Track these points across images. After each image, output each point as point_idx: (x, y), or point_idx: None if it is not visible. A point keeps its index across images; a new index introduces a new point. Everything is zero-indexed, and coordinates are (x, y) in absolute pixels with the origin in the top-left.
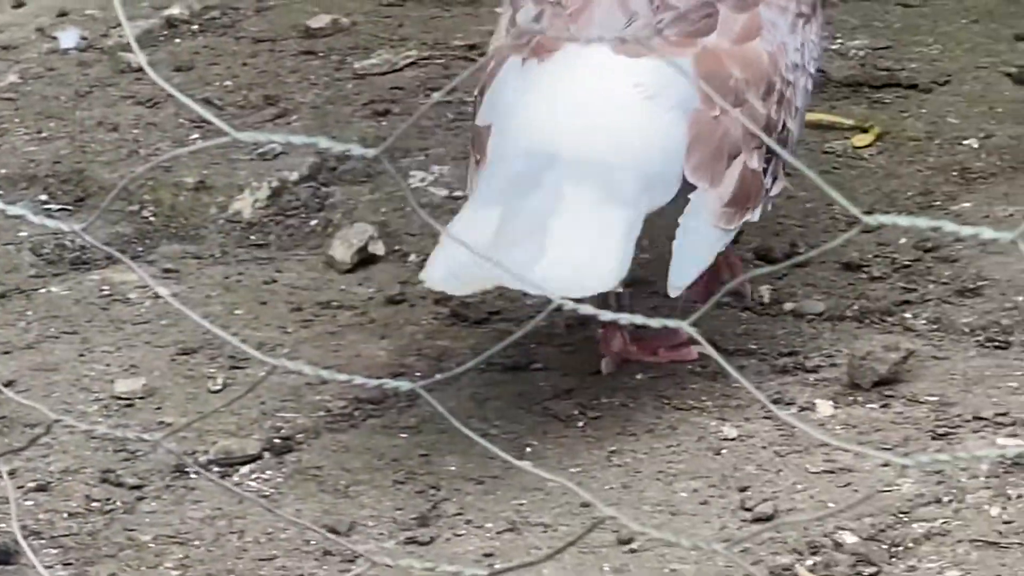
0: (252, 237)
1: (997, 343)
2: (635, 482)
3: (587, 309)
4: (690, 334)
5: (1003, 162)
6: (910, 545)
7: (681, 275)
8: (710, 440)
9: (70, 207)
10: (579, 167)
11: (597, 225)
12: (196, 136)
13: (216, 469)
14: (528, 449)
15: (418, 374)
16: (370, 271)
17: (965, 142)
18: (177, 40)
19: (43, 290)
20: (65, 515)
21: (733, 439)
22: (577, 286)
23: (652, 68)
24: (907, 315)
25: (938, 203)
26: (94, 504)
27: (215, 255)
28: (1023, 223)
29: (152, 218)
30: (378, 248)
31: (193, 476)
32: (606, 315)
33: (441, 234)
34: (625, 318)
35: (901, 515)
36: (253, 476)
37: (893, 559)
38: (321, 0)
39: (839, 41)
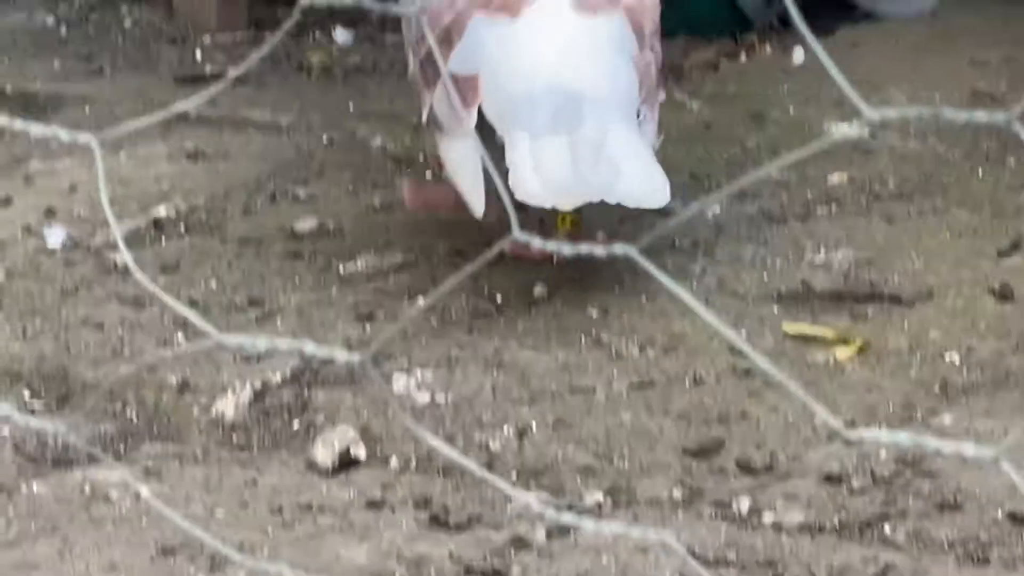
0: (234, 438)
1: (976, 558)
2: None
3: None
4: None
5: (985, 377)
6: None
7: (665, 189)
8: None
9: (53, 405)
10: (600, 103)
11: (635, 149)
12: (181, 336)
13: None
14: None
15: None
16: (351, 474)
17: (947, 356)
18: (163, 240)
19: (24, 488)
20: None
21: None
22: (651, 198)
23: (607, 24)
24: (887, 528)
25: (920, 417)
26: None
27: (197, 455)
28: (1005, 439)
29: (135, 418)
30: (360, 451)
31: None
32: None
33: (514, 149)
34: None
35: None
36: None
37: None
38: (307, 203)
39: (822, 252)
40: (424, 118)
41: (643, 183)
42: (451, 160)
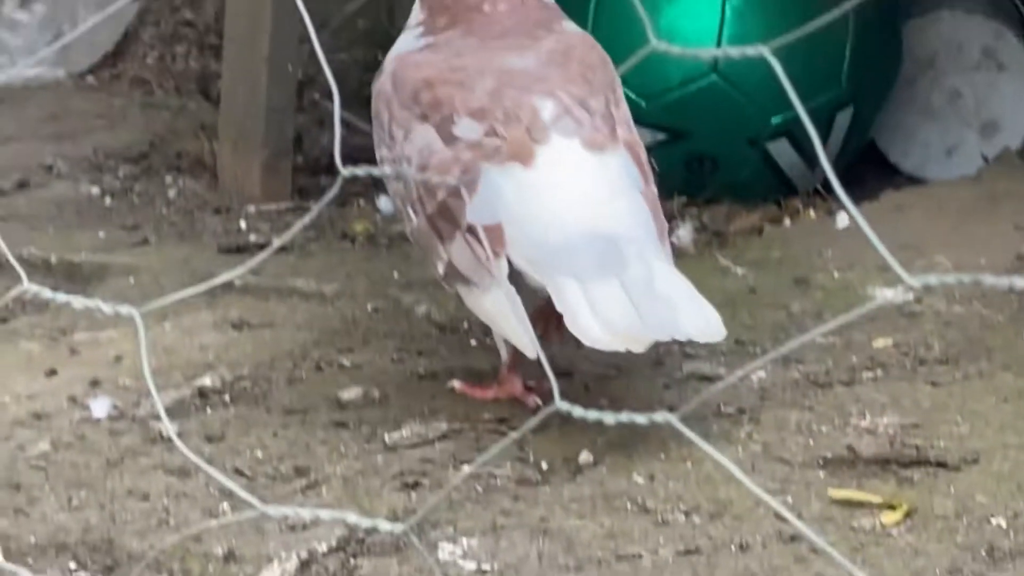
0: None
1: None
2: None
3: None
4: None
5: None
6: None
7: (719, 321)
8: None
9: None
10: (634, 242)
11: (681, 284)
12: (226, 505)
13: None
14: None
15: None
16: None
17: (994, 521)
18: (208, 410)
19: None
20: None
21: None
22: (712, 332)
23: (616, 160)
24: None
25: None
26: None
27: None
28: None
29: None
30: None
31: None
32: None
33: (565, 295)
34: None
35: None
36: None
37: None
38: (352, 372)
39: (868, 418)
40: (441, 272)
41: (700, 318)
42: (486, 311)
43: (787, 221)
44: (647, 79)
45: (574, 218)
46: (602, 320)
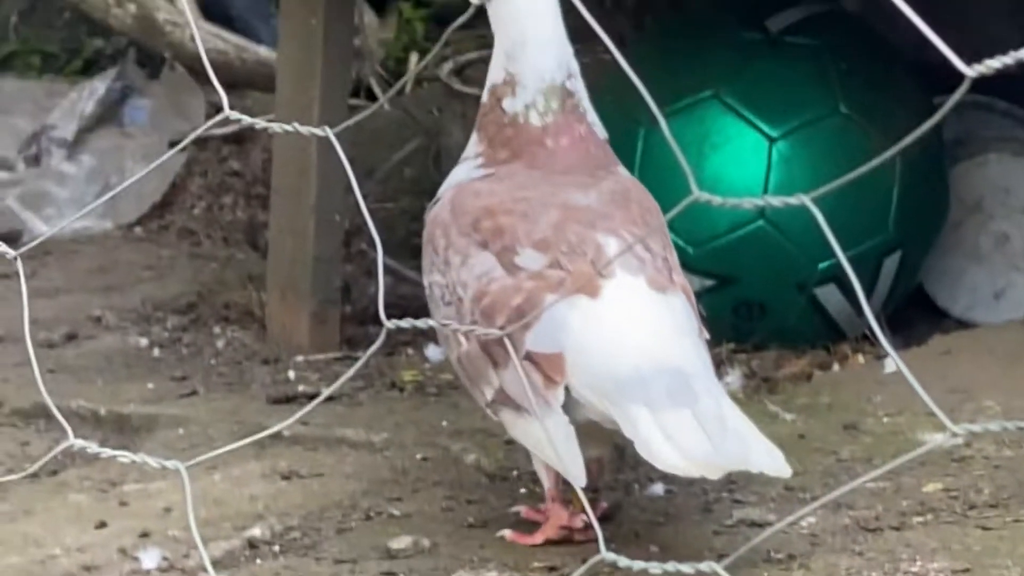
0: None
1: None
2: None
3: None
4: None
5: None
6: None
7: (783, 459)
8: None
9: None
10: (701, 378)
11: (746, 421)
12: None
13: None
14: None
15: None
16: None
17: None
18: (258, 560)
19: None
20: None
21: None
22: (778, 468)
23: (678, 301)
24: None
25: None
26: None
27: None
28: None
29: None
30: None
31: None
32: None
33: (637, 424)
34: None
35: None
36: None
37: None
38: (402, 521)
39: (918, 563)
40: (489, 398)
41: (768, 453)
42: (536, 439)
43: (836, 366)
44: (694, 225)
45: (643, 351)
46: (677, 446)
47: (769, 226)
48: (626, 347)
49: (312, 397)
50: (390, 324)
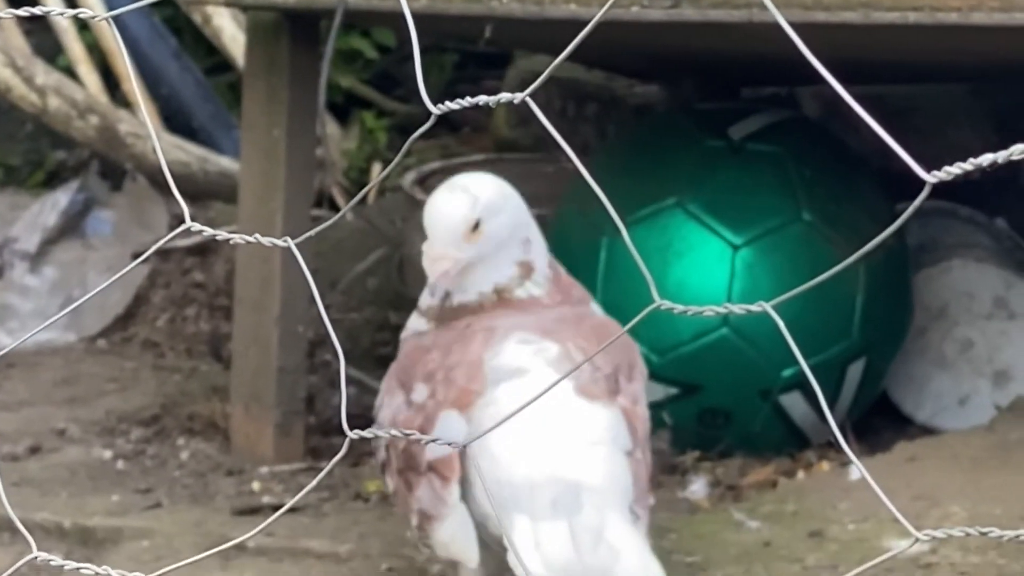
0: None
1: None
2: None
3: None
4: None
5: None
6: None
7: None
8: None
9: None
10: (597, 492)
11: (632, 538)
12: None
13: None
14: None
15: None
16: None
17: None
18: None
19: None
20: None
21: None
22: None
23: (605, 413)
24: None
25: None
26: None
27: None
28: None
29: None
30: None
31: None
32: None
33: (515, 531)
34: None
35: None
36: None
37: None
38: None
39: None
40: (415, 524)
41: (640, 569)
42: (442, 543)
43: (801, 474)
44: (658, 334)
45: (543, 460)
46: (542, 556)
47: (733, 334)
48: (526, 454)
49: (276, 508)
50: (353, 434)
